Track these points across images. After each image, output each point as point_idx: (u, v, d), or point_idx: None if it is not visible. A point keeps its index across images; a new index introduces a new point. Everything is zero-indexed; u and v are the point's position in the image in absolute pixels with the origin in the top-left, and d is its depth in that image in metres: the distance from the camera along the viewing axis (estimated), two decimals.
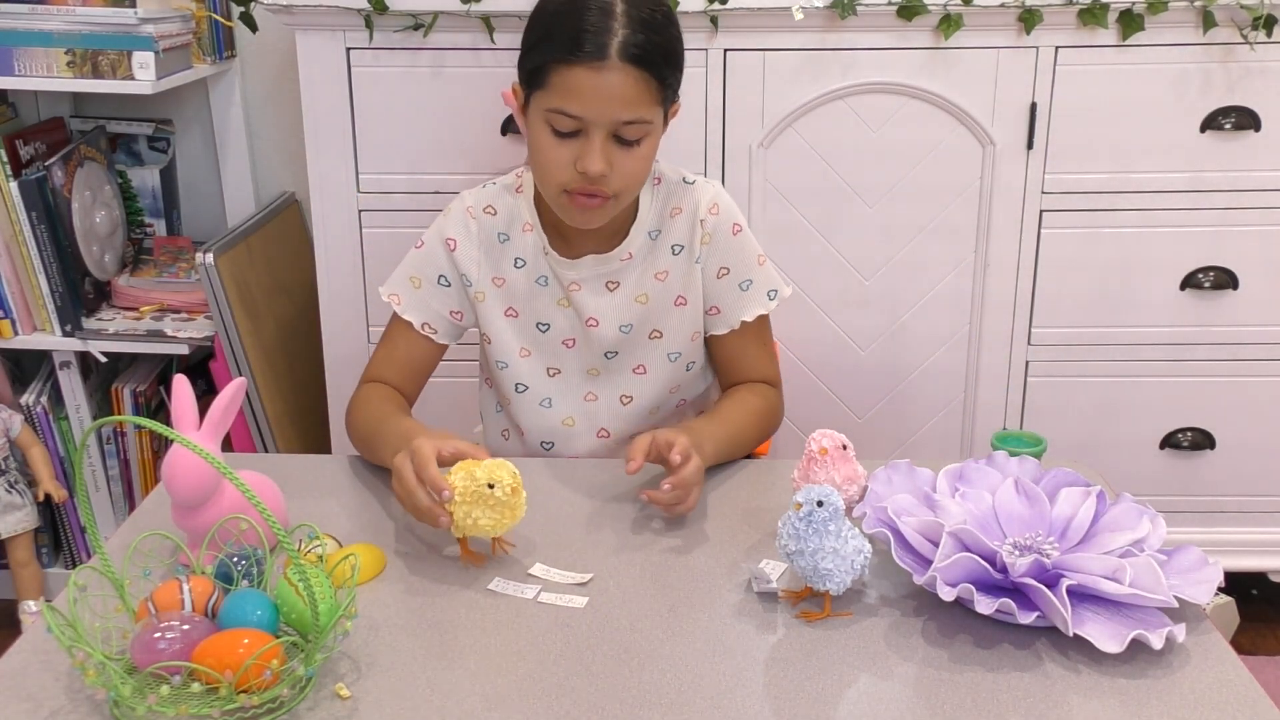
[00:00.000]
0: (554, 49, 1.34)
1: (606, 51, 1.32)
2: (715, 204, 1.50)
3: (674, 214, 1.50)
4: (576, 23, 1.33)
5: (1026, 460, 1.28)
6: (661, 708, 1.01)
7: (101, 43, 2.03)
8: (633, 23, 1.34)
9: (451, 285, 1.52)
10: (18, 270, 2.16)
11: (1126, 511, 1.20)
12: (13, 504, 2.23)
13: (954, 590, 1.09)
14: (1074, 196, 2.02)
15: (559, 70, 1.34)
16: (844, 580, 1.12)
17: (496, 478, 1.18)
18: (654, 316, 1.52)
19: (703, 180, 1.52)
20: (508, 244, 1.51)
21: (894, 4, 1.90)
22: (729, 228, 1.50)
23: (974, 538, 1.12)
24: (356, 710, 1.01)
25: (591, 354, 1.53)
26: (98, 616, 1.09)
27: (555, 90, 1.35)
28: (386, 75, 1.99)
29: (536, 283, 1.51)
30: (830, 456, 1.24)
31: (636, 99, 1.35)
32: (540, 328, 1.53)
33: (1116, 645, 1.06)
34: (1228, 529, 2.20)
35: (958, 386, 2.13)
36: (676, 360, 1.54)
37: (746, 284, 1.51)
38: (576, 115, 1.35)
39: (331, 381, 2.14)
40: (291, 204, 2.47)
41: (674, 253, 1.50)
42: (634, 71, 1.33)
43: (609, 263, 1.50)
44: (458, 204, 1.53)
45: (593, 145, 1.35)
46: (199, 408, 1.21)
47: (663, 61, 1.37)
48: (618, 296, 1.51)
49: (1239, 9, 1.91)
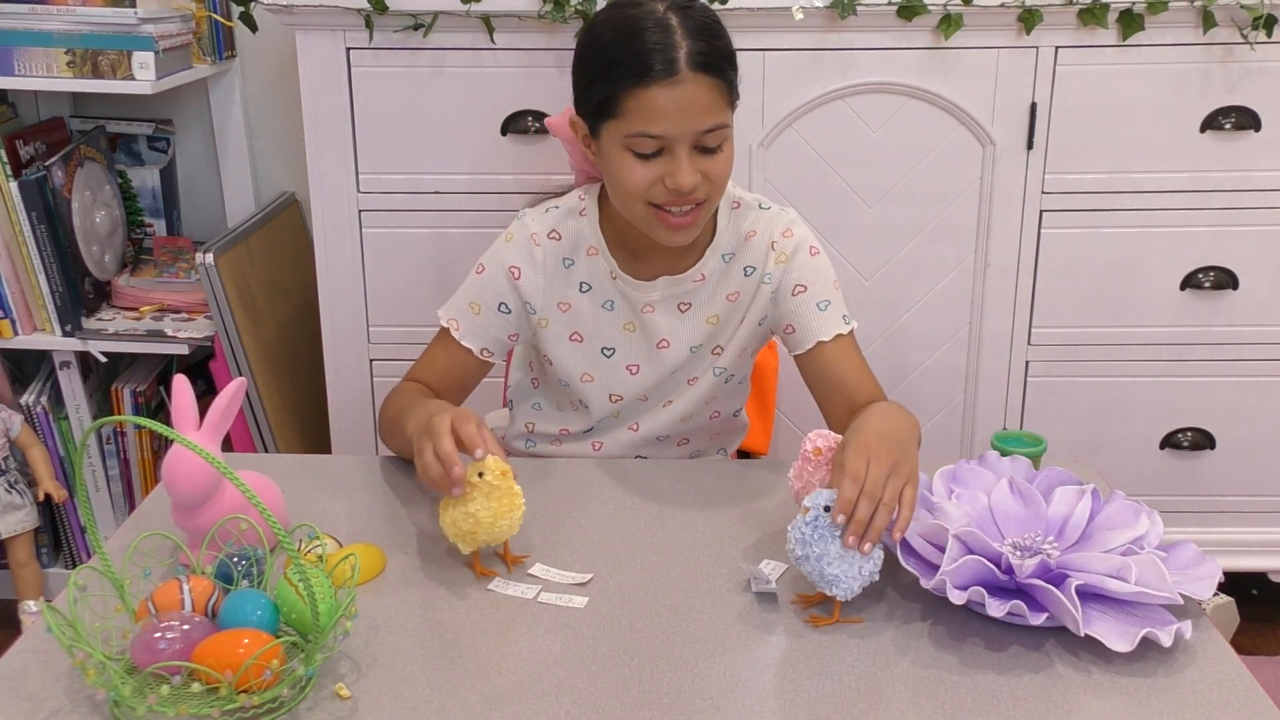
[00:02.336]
0: (623, 75, 1.33)
1: (677, 66, 1.32)
2: (789, 228, 1.49)
3: (749, 237, 1.49)
4: (639, 44, 1.33)
5: (1018, 460, 1.28)
6: (661, 708, 1.01)
7: (101, 43, 2.03)
8: (692, 33, 1.33)
9: (512, 312, 1.50)
10: (18, 270, 2.16)
11: (1121, 509, 1.20)
12: (13, 504, 2.23)
13: (964, 594, 1.09)
14: (1074, 196, 2.03)
15: (633, 94, 1.33)
16: (851, 586, 1.11)
17: (483, 466, 1.18)
18: (720, 335, 1.52)
19: (779, 207, 1.51)
20: (573, 268, 1.49)
21: (894, 4, 1.90)
22: (806, 249, 1.48)
23: (978, 540, 1.12)
24: (356, 710, 1.01)
25: (658, 375, 1.52)
26: (98, 616, 1.09)
27: (633, 115, 1.34)
28: (386, 75, 1.99)
29: (603, 307, 1.50)
30: (824, 457, 1.24)
31: (713, 106, 1.35)
32: (605, 353, 1.51)
33: (1127, 644, 1.06)
34: (1228, 529, 2.20)
35: (958, 387, 2.13)
36: (720, 374, 1.53)
37: (825, 304, 1.47)
38: (659, 135, 1.34)
39: (331, 381, 2.14)
40: (291, 204, 2.47)
41: (746, 274, 1.49)
42: (705, 79, 1.33)
43: (682, 284, 1.48)
44: (520, 230, 1.49)
45: (680, 162, 1.35)
46: (199, 408, 1.21)
47: (727, 64, 1.37)
48: (690, 318, 1.50)
49: (1239, 9, 1.91)
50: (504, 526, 1.19)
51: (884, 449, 1.16)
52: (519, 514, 1.20)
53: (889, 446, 1.16)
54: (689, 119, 1.34)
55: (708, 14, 1.38)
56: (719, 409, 1.59)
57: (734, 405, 1.63)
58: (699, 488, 1.42)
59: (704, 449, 1.64)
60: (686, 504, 1.38)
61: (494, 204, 2.03)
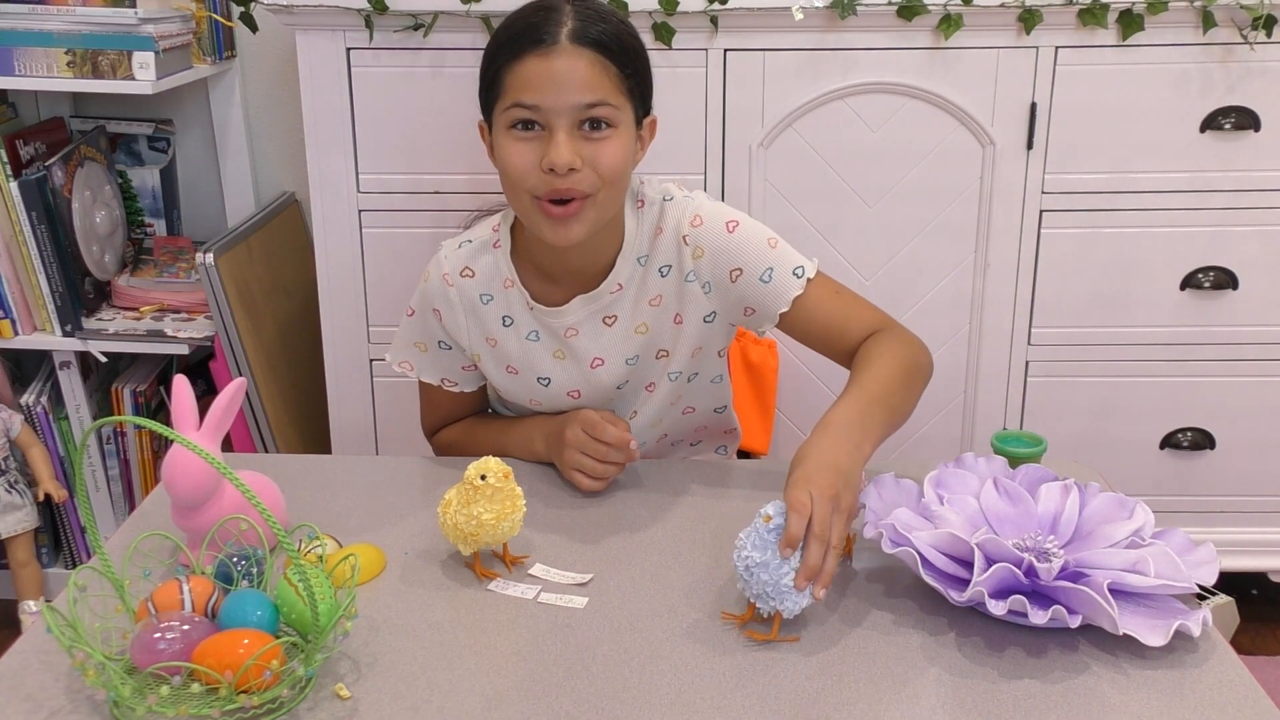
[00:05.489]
0: (503, 52, 1.32)
1: (557, 36, 1.29)
2: (696, 215, 1.41)
3: (658, 234, 1.42)
4: (522, 22, 1.32)
5: (995, 459, 1.28)
6: (661, 708, 1.01)
7: (101, 43, 2.03)
8: (580, 14, 1.32)
9: (453, 348, 1.50)
10: (18, 270, 2.16)
11: (1108, 502, 1.20)
12: (13, 504, 2.23)
13: (1004, 604, 1.07)
14: (1074, 196, 2.02)
15: (511, 68, 1.31)
16: (800, 602, 1.09)
17: (485, 468, 1.18)
18: (657, 340, 1.46)
19: (681, 195, 1.44)
20: (491, 304, 1.46)
21: (894, 4, 1.90)
22: (721, 230, 1.40)
23: (999, 547, 1.10)
24: (356, 710, 1.01)
25: (601, 395, 1.49)
26: (98, 616, 1.09)
27: (510, 89, 1.31)
28: (386, 75, 1.99)
29: (527, 338, 1.46)
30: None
31: (594, 81, 1.30)
32: (541, 382, 1.48)
33: (1161, 638, 1.06)
34: (1228, 529, 2.20)
35: (958, 387, 2.13)
36: (676, 379, 1.49)
37: (768, 275, 1.39)
38: (533, 104, 1.30)
39: (331, 381, 2.14)
40: (291, 204, 2.47)
41: (662, 275, 1.43)
42: (587, 53, 1.30)
43: (599, 299, 1.43)
44: (435, 271, 1.46)
45: (557, 138, 1.30)
46: (199, 408, 1.21)
47: (618, 48, 1.32)
48: (617, 331, 1.45)
49: (1239, 9, 1.91)
50: (505, 528, 1.19)
51: (825, 481, 1.13)
52: (520, 515, 1.21)
53: (830, 478, 1.14)
54: (564, 91, 1.29)
55: (608, 9, 1.36)
56: (692, 405, 1.55)
57: (711, 402, 1.56)
58: (699, 488, 1.42)
59: (694, 445, 1.63)
60: (686, 504, 1.38)
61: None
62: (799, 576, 1.08)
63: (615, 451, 1.38)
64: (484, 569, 1.23)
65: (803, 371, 2.10)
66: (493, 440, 1.51)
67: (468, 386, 1.54)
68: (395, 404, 2.11)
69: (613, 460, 1.39)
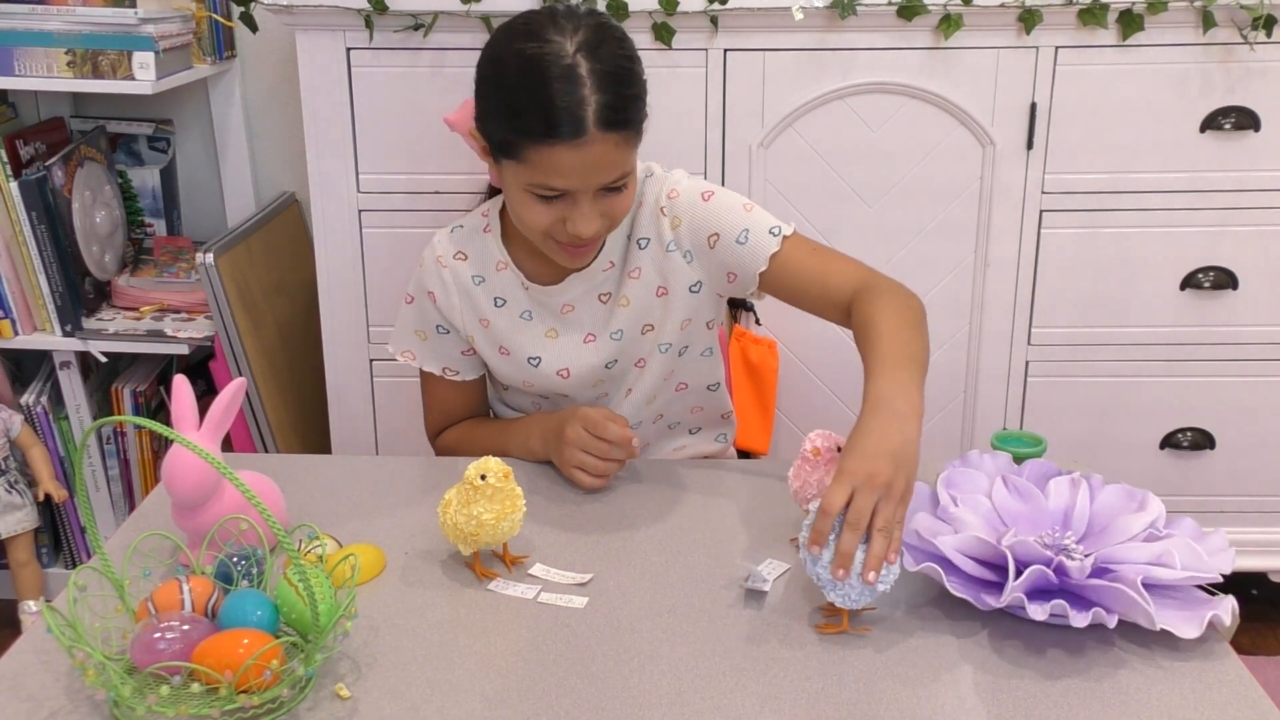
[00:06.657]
0: (528, 131, 1.29)
1: (584, 126, 1.27)
2: (673, 189, 1.45)
3: (637, 209, 1.47)
4: (546, 97, 1.27)
5: (999, 456, 1.28)
6: (661, 708, 1.01)
7: (101, 43, 2.03)
8: (601, 82, 1.28)
9: (450, 331, 1.52)
10: (18, 270, 2.16)
11: (1117, 494, 1.20)
12: (13, 504, 2.23)
13: (1046, 608, 1.06)
14: (1074, 196, 2.02)
15: (537, 150, 1.29)
16: (849, 593, 1.09)
17: (485, 468, 1.18)
18: (641, 313, 1.49)
19: (660, 172, 1.48)
20: (484, 285, 1.49)
21: (894, 4, 1.90)
22: (696, 199, 1.44)
23: (1028, 548, 1.09)
24: (356, 710, 1.01)
25: (591, 374, 1.51)
26: (98, 616, 1.09)
27: (536, 168, 1.31)
28: (386, 75, 1.99)
29: (520, 318, 1.49)
30: (823, 457, 1.23)
31: (619, 160, 1.32)
32: (532, 362, 1.50)
33: (1195, 629, 1.06)
34: (1228, 529, 2.15)
35: (958, 386, 2.13)
36: (668, 351, 1.51)
37: (744, 236, 1.42)
38: (562, 189, 1.32)
39: (331, 381, 2.14)
40: (291, 204, 2.47)
41: (640, 246, 1.46)
42: (614, 136, 1.29)
43: (593, 275, 1.47)
44: (429, 254, 1.50)
45: (581, 210, 1.33)
46: (199, 408, 1.21)
47: (636, 112, 1.33)
48: (609, 306, 1.49)
49: (1239, 9, 1.91)
50: (505, 528, 1.19)
51: (872, 469, 1.11)
52: (520, 515, 1.21)
53: (877, 465, 1.11)
54: (594, 175, 1.31)
55: (618, 52, 1.32)
56: (685, 380, 1.57)
57: (704, 379, 1.59)
58: (699, 488, 1.42)
59: (693, 433, 1.63)
60: (686, 504, 1.38)
61: None
62: (834, 566, 1.08)
63: (617, 449, 1.39)
64: (484, 569, 1.23)
65: (803, 371, 2.10)
66: (492, 440, 1.52)
67: (469, 374, 1.55)
68: (395, 404, 2.11)
69: (615, 458, 1.40)
